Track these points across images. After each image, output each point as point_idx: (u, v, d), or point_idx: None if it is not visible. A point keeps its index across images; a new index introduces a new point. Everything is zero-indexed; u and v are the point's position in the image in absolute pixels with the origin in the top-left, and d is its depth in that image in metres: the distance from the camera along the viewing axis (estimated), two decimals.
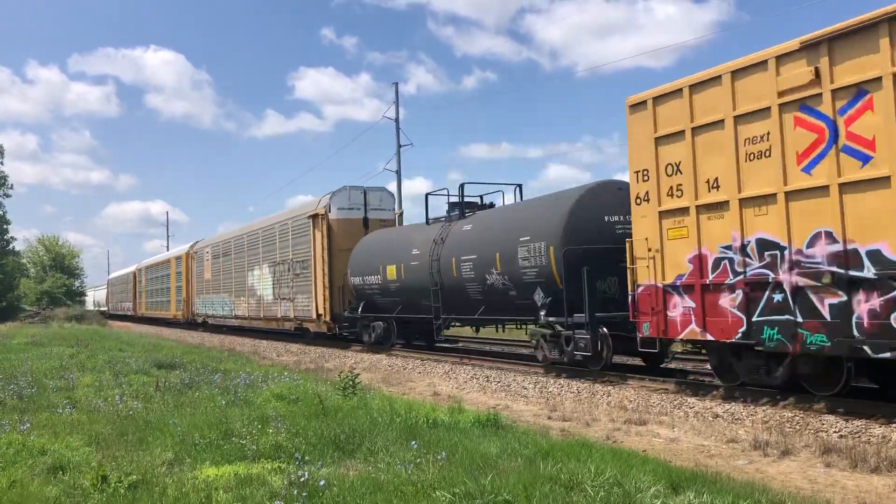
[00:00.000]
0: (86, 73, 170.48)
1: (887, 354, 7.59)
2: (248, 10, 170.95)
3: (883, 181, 7.68)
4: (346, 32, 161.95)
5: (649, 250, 10.47)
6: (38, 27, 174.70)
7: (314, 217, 22.40)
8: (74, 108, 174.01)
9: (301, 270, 23.36)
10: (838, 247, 8.04)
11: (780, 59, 8.73)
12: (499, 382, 12.65)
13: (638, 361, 13.28)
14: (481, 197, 17.59)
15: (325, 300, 21.62)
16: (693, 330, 9.79)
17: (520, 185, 17.18)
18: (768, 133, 8.83)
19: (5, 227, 60.26)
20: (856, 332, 7.84)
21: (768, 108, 8.80)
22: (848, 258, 7.96)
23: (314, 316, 22.28)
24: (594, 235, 12.34)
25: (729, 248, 9.30)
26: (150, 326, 43.95)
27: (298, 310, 23.48)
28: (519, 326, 15.58)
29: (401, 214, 25.88)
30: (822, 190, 8.23)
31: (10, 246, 62.50)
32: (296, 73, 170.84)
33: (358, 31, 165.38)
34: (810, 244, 8.34)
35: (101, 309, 72.97)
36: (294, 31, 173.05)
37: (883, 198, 7.69)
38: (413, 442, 6.35)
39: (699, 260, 9.70)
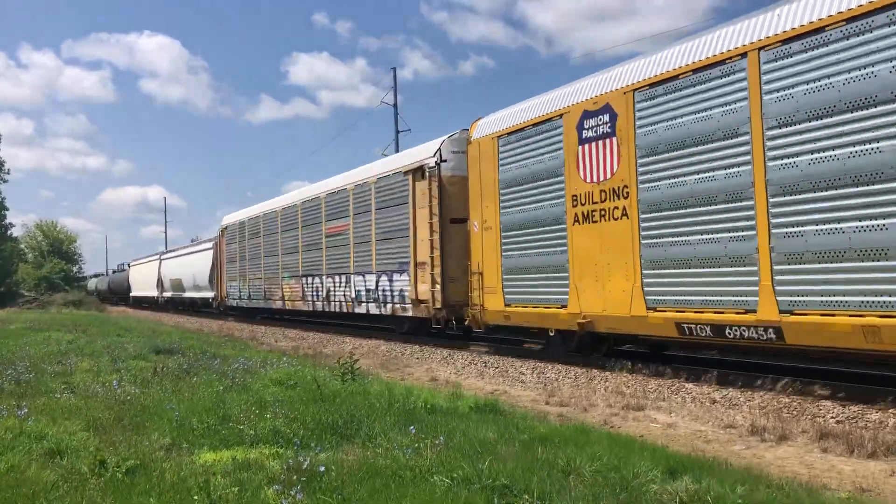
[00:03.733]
0: (80, 58, 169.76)
1: None
2: None
3: None
4: (339, 17, 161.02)
5: None
6: (31, 11, 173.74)
7: None
8: (69, 93, 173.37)
9: None
10: None
11: None
12: (496, 368, 12.66)
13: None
14: None
15: None
16: None
17: None
18: None
19: (3, 212, 60.17)
20: None
21: None
22: None
23: None
24: None
25: None
26: None
27: None
28: None
29: None
30: None
31: (9, 232, 62.40)
32: (289, 58, 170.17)
33: (351, 15, 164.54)
34: None
35: (206, 295, 34.62)
36: (287, 16, 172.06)
37: None
38: (411, 427, 6.35)
39: None
